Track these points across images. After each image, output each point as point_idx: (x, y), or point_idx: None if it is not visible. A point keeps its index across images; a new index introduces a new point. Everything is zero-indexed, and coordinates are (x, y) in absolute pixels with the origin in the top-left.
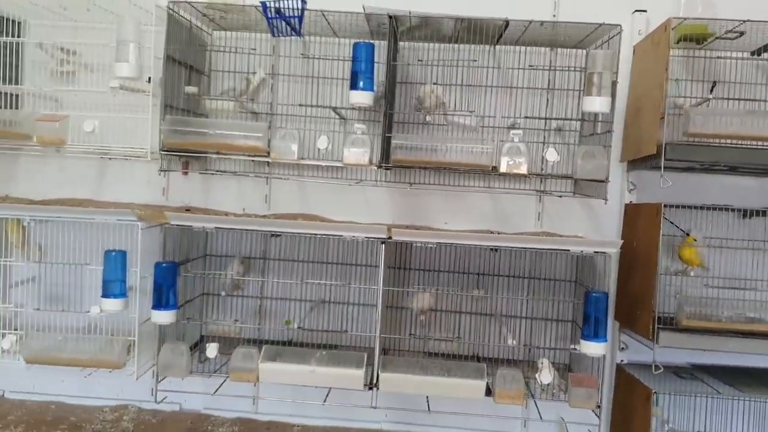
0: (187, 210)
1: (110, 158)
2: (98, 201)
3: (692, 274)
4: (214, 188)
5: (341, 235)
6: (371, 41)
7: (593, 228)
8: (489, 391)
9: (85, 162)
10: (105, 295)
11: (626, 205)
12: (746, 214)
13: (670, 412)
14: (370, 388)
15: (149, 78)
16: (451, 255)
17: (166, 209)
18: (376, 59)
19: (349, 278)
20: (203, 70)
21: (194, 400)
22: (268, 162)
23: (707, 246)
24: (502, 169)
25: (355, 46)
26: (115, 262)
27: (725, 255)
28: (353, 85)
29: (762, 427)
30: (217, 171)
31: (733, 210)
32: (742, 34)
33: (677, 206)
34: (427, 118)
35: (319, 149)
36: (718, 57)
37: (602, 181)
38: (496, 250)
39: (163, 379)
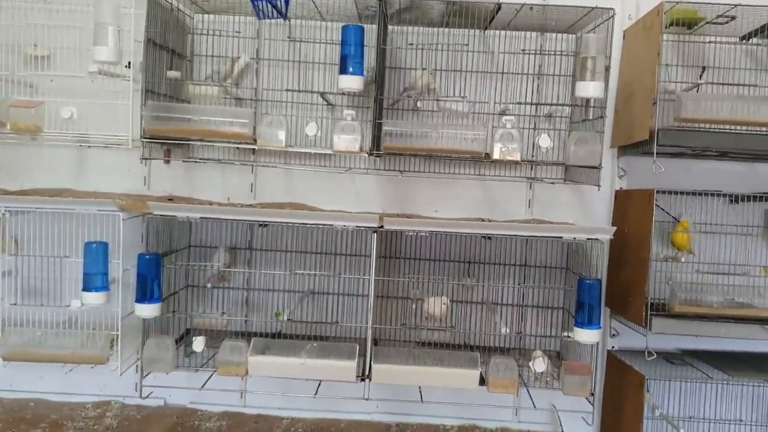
0: (170, 199)
1: (89, 146)
2: (76, 191)
3: (683, 259)
4: (197, 177)
5: (331, 225)
6: (361, 24)
7: (583, 214)
8: (482, 381)
9: (63, 150)
10: (86, 288)
11: (617, 191)
12: (735, 199)
13: (661, 397)
14: (362, 380)
15: (129, 63)
16: (440, 243)
17: (147, 199)
18: (365, 43)
19: (338, 268)
20: (185, 54)
21: (179, 395)
22: (253, 150)
23: (700, 232)
24: (495, 156)
25: (345, 29)
26: (96, 255)
27: (714, 240)
28: (343, 70)
29: (752, 410)
30: (201, 159)
31: (722, 195)
32: (733, 18)
33: (669, 192)
34: (418, 104)
35: (307, 136)
36: (710, 42)
37: (596, 168)
38: (489, 238)
39: (148, 374)
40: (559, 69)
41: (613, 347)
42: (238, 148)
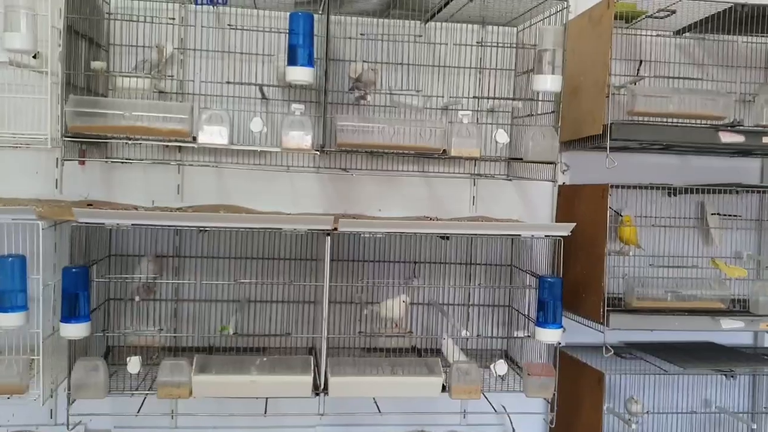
0: (89, 205)
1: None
2: None
3: (631, 253)
4: (116, 179)
5: (280, 229)
6: (310, 12)
7: (527, 211)
8: (443, 387)
9: None
10: (1, 308)
11: (560, 186)
12: (673, 191)
13: (614, 392)
14: (317, 394)
15: (35, 54)
16: (383, 244)
17: (60, 204)
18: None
19: (277, 273)
20: (101, 42)
21: (101, 419)
22: (179, 147)
23: (652, 226)
24: (453, 152)
25: (293, 16)
26: (13, 270)
27: (655, 233)
28: (291, 61)
29: (700, 400)
30: (126, 159)
31: (662, 188)
32: (673, 12)
33: (621, 186)
34: (368, 98)
35: (251, 132)
36: (657, 35)
37: (552, 163)
38: (447, 238)
39: (74, 401)
40: (501, 62)
41: (559, 344)
42: (167, 146)
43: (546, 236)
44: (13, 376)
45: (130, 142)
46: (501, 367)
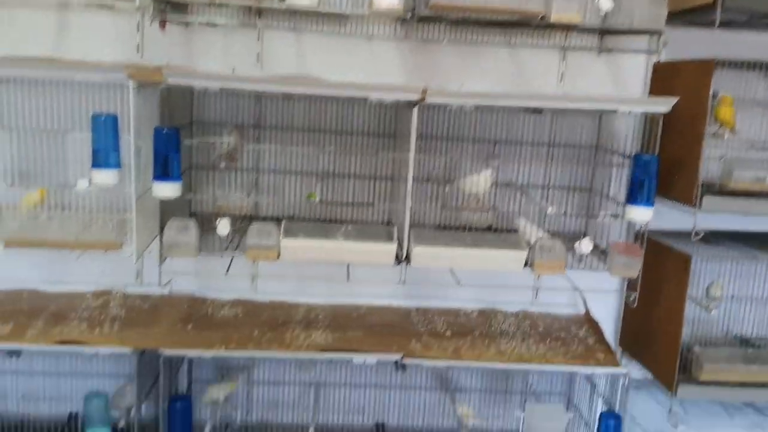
0: None
1: (86, 5)
2: (62, 61)
3: (726, 136)
4: (195, 45)
5: (366, 97)
6: None
7: (617, 89)
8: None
9: (39, 13)
10: (96, 165)
11: (656, 64)
12: None
13: (698, 278)
14: (399, 263)
15: None
16: (460, 120)
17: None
18: None
19: (354, 148)
20: None
21: (182, 282)
22: (259, 12)
23: (752, 107)
24: (553, 18)
25: None
26: (106, 128)
27: (752, 116)
28: None
29: None
30: (209, 23)
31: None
32: None
33: (727, 63)
34: None
35: None
36: None
37: (657, 33)
38: (539, 111)
39: (165, 260)
40: None
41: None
42: (249, 8)
43: (643, 113)
44: (108, 233)
45: (198, 3)
46: (586, 244)
